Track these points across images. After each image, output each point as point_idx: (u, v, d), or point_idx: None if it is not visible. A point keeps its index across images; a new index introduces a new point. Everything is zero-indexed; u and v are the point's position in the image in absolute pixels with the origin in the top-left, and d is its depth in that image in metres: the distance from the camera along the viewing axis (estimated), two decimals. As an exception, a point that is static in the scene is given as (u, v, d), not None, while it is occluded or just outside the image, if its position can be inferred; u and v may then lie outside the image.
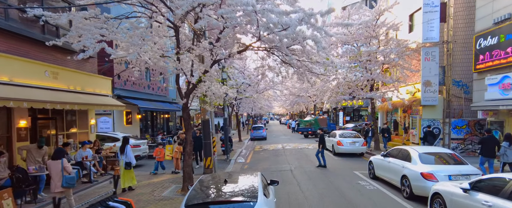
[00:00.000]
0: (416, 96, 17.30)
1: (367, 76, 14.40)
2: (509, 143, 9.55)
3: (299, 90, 36.61)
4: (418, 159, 8.32)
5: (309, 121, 31.01)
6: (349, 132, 17.72)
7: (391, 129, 19.48)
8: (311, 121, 30.62)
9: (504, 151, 9.57)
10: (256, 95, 17.36)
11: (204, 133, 11.72)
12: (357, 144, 16.21)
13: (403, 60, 14.77)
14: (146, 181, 10.30)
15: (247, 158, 16.81)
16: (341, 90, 16.22)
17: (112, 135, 12.95)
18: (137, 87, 17.52)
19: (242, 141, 25.44)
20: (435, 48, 15.14)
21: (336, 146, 16.50)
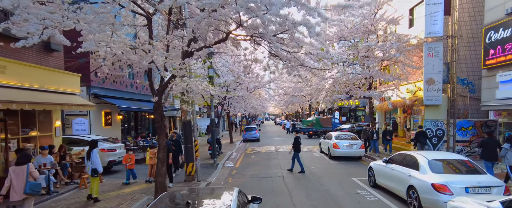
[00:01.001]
0: (417, 95, 16.20)
1: (365, 73, 13.27)
2: (510, 145, 8.88)
3: (294, 89, 35.51)
4: (427, 167, 7.15)
5: (310, 121, 29.89)
6: (346, 134, 16.57)
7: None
8: (313, 121, 29.50)
9: (505, 153, 8.90)
10: (247, 94, 16.11)
11: (185, 136, 10.47)
12: (355, 147, 15.05)
13: (404, 56, 13.64)
14: (115, 191, 9.02)
15: (236, 162, 15.58)
16: (337, 89, 15.05)
17: (85, 138, 11.66)
18: (118, 86, 16.22)
19: (233, 142, 24.19)
20: (439, 43, 14.03)
21: (332, 149, 15.34)
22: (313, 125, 28.15)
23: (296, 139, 12.62)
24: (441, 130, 14.50)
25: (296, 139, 12.62)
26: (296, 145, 12.54)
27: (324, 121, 29.10)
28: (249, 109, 23.57)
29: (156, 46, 7.29)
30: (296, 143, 12.55)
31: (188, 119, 10.45)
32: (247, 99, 18.62)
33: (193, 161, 10.52)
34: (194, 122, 10.61)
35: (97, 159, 7.92)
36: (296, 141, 12.59)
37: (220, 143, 17.04)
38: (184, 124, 10.44)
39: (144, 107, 18.21)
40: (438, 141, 14.52)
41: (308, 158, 16.12)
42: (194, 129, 10.62)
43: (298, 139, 12.63)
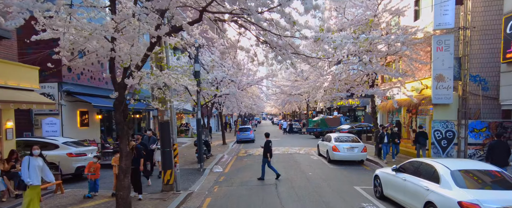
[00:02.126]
0: (423, 94, 14.86)
1: (368, 68, 11.89)
2: None
3: (291, 88, 34.15)
4: (450, 180, 5.79)
5: (316, 121, 28.57)
6: (346, 136, 15.21)
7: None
8: (318, 121, 28.17)
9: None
10: (238, 92, 14.72)
11: (162, 138, 9.06)
12: (356, 150, 13.69)
13: (411, 50, 12.28)
14: (73, 206, 7.57)
15: (226, 166, 14.19)
16: (337, 86, 13.66)
17: (51, 141, 10.21)
18: (97, 82, 14.76)
19: (226, 144, 22.78)
20: (450, 35, 12.68)
21: (331, 152, 13.97)
22: (318, 125, 26.75)
23: (267, 144, 11.32)
24: (451, 131, 13.16)
25: (267, 144, 11.32)
26: (266, 151, 11.25)
27: (331, 121, 27.63)
28: (242, 109, 22.15)
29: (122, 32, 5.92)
30: (267, 148, 11.26)
31: (166, 120, 9.04)
32: (239, 98, 17.20)
33: (171, 168, 9.12)
34: (173, 122, 9.20)
35: (25, 168, 6.09)
36: (266, 145, 11.30)
37: (209, 145, 15.65)
38: (161, 126, 9.04)
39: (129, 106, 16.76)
40: (448, 144, 13.18)
41: (305, 161, 14.75)
42: (173, 131, 9.21)
43: (269, 144, 11.33)
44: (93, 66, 14.55)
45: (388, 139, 13.43)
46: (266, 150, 11.25)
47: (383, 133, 13.73)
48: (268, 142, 11.35)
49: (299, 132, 34.92)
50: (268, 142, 11.35)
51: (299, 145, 22.07)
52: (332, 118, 28.22)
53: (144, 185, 9.99)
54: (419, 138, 13.18)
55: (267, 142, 11.36)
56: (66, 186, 9.61)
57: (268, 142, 11.37)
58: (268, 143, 11.34)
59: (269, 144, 11.34)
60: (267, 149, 11.24)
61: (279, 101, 42.20)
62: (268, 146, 11.29)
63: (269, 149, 11.26)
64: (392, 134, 13.50)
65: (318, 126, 27.01)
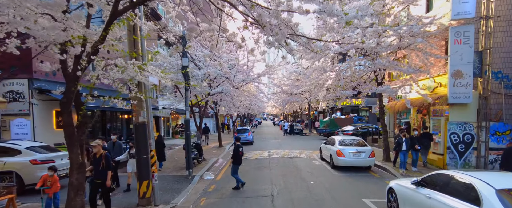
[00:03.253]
0: (437, 92, 13.46)
1: (378, 64, 10.52)
2: None
3: (291, 87, 32.78)
4: (498, 204, 4.39)
5: (326, 121, 27.14)
6: (351, 139, 13.79)
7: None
8: (327, 122, 26.72)
9: None
10: (233, 90, 13.32)
11: (137, 144, 7.69)
12: (363, 155, 12.28)
13: (426, 42, 10.87)
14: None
15: (219, 172, 12.81)
16: (342, 84, 12.24)
17: (12, 146, 8.85)
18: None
19: (222, 146, 21.41)
20: (470, 26, 11.29)
21: (335, 157, 12.57)
22: (328, 126, 25.23)
23: (236, 149, 9.99)
24: (470, 134, 11.76)
25: (236, 149, 9.99)
26: (235, 156, 9.96)
27: (341, 121, 26.08)
28: (239, 109, 20.74)
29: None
30: (236, 154, 9.95)
31: (142, 121, 7.67)
32: (234, 96, 15.78)
33: (148, 179, 7.74)
34: (150, 124, 7.82)
35: None
36: (235, 150, 9.99)
37: (201, 148, 14.28)
38: (136, 128, 7.66)
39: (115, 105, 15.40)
40: (466, 149, 11.79)
41: (307, 167, 13.35)
42: (151, 135, 7.83)
43: (238, 148, 9.99)
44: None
45: (407, 146, 11.45)
46: (234, 156, 9.97)
47: (401, 138, 11.58)
48: (237, 148, 10.01)
49: (301, 133, 33.51)
50: (238, 148, 10.01)
51: (300, 147, 20.67)
52: (344, 118, 26.55)
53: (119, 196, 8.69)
54: (423, 139, 12.19)
55: (236, 148, 10.03)
56: (27, 199, 8.26)
57: (238, 147, 10.03)
58: (237, 148, 10.00)
59: (239, 149, 10.00)
60: (235, 155, 9.94)
61: (280, 101, 40.82)
62: (237, 150, 9.97)
63: (237, 155, 9.94)
64: (412, 139, 11.69)
65: (327, 126, 25.44)
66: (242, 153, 10.14)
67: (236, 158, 9.98)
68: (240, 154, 10.05)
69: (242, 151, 10.15)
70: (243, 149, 10.39)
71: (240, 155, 10.07)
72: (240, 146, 10.14)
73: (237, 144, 10.15)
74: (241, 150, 10.12)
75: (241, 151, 10.10)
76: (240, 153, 10.04)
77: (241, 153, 10.06)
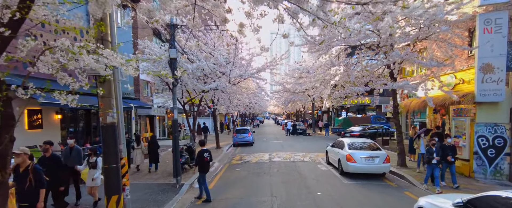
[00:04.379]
0: (459, 90, 11.93)
1: (395, 55, 9.01)
2: None
3: (294, 85, 31.25)
4: None
5: (340, 120, 25.56)
6: (362, 141, 12.28)
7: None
8: (341, 121, 25.14)
9: None
10: (229, 87, 11.80)
11: (105, 149, 6.24)
12: (377, 160, 10.76)
13: (450, 31, 9.33)
14: None
15: (213, 179, 11.35)
16: (352, 79, 10.71)
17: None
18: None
19: (220, 148, 19.97)
20: (503, 12, 9.77)
21: (344, 163, 11.07)
22: (342, 125, 23.58)
23: (200, 155, 8.53)
24: (501, 138, 10.22)
25: (200, 155, 8.53)
26: (199, 164, 8.55)
27: (357, 120, 24.40)
28: (237, 107, 19.26)
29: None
30: (201, 161, 8.54)
31: (110, 122, 6.21)
32: (231, 94, 14.25)
33: (119, 193, 6.27)
34: (121, 126, 6.37)
35: None
36: (200, 157, 8.54)
37: (194, 151, 12.81)
38: (104, 130, 6.20)
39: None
40: (497, 154, 10.24)
41: (312, 173, 11.85)
42: (121, 138, 6.38)
43: (203, 154, 8.52)
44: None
45: (441, 157, 8.97)
46: (198, 163, 8.56)
47: (431, 148, 8.97)
48: (201, 154, 8.55)
49: (304, 133, 31.97)
50: (202, 154, 8.54)
51: (304, 149, 19.16)
52: (360, 117, 24.78)
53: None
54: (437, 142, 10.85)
55: (200, 154, 8.57)
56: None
57: (202, 153, 8.55)
58: (201, 154, 8.54)
59: (204, 155, 8.53)
60: (200, 162, 8.53)
61: (282, 100, 39.33)
62: (203, 157, 8.50)
63: (203, 161, 8.51)
64: (444, 148, 9.18)
65: (341, 126, 23.78)
66: (208, 159, 8.64)
67: (202, 166, 8.51)
68: (206, 161, 8.56)
69: (208, 157, 8.65)
70: (211, 154, 8.82)
71: (207, 162, 8.59)
72: (206, 151, 8.64)
73: (202, 150, 8.65)
74: (208, 156, 8.61)
75: (207, 157, 8.60)
76: (206, 159, 8.55)
77: (206, 160, 8.57)
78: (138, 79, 20.31)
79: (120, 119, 6.43)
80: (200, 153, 8.56)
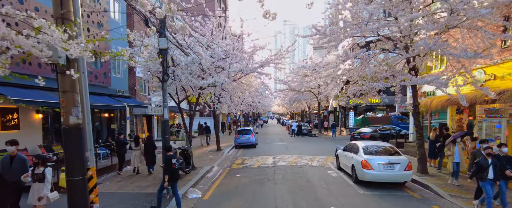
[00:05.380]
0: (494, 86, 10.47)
1: (423, 44, 7.62)
2: None
3: (300, 84, 29.94)
4: None
5: (358, 120, 24.07)
6: (377, 145, 10.89)
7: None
8: (359, 121, 23.65)
9: None
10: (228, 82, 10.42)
11: (68, 158, 4.97)
12: (398, 167, 9.38)
13: (490, 15, 7.91)
14: None
15: (210, 187, 10.05)
16: (370, 72, 9.31)
17: None
18: (34, 69, 10.59)
19: (221, 150, 18.68)
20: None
21: (359, 170, 9.71)
22: (360, 126, 22.04)
23: (167, 161, 7.37)
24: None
25: (167, 161, 7.37)
26: (167, 171, 7.34)
27: (376, 120, 22.81)
28: (236, 106, 17.91)
29: None
30: (168, 167, 7.35)
31: (74, 123, 4.94)
32: (232, 91, 12.86)
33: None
34: (88, 128, 5.08)
35: None
36: (167, 164, 7.38)
37: (189, 156, 11.52)
38: (65, 133, 4.93)
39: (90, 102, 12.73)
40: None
41: (322, 180, 10.49)
42: (89, 144, 5.09)
43: (170, 161, 7.33)
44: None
45: (495, 171, 6.74)
46: (166, 170, 7.35)
47: (484, 159, 6.92)
48: (168, 159, 7.37)
49: (309, 134, 30.58)
50: (170, 160, 7.35)
51: (311, 152, 17.79)
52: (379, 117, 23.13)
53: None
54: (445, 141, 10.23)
55: (167, 159, 7.40)
56: None
57: (169, 159, 7.36)
58: (168, 160, 7.36)
59: (171, 161, 7.32)
60: (167, 168, 7.34)
61: (287, 99, 37.97)
62: (169, 165, 7.30)
63: (170, 168, 7.30)
64: (499, 159, 6.92)
65: (359, 126, 22.23)
66: (176, 166, 7.39)
67: (171, 173, 7.27)
68: (174, 168, 7.32)
69: (177, 164, 7.40)
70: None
71: (175, 169, 7.35)
72: (173, 157, 7.42)
73: (168, 155, 7.44)
74: (176, 162, 7.38)
75: (175, 164, 7.36)
76: (173, 166, 7.32)
77: (174, 166, 7.33)
78: (134, 76, 19.08)
79: (86, 120, 5.13)
80: (167, 159, 7.39)
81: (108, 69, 15.43)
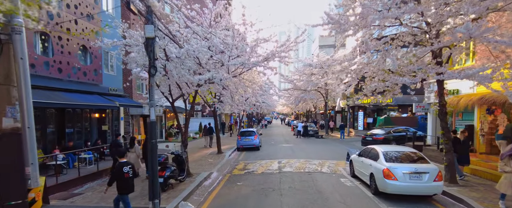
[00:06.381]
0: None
1: (461, 31, 6.23)
2: None
3: (306, 83, 28.53)
4: None
5: (381, 120, 22.46)
6: (398, 150, 9.45)
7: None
8: (381, 121, 22.02)
9: None
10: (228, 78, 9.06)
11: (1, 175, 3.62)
12: (426, 178, 7.95)
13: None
14: None
15: (205, 199, 8.69)
16: (395, 66, 7.90)
17: None
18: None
19: (222, 152, 17.35)
20: None
21: (380, 179, 8.30)
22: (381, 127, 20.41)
23: (119, 170, 6.12)
24: None
25: (119, 170, 6.12)
26: (118, 180, 6.09)
27: (399, 120, 21.11)
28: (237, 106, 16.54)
29: None
30: (119, 177, 6.08)
31: (10, 128, 3.59)
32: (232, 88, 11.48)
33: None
34: (27, 135, 3.74)
35: None
36: (118, 172, 6.11)
37: (184, 161, 10.17)
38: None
39: (76, 101, 11.52)
40: None
41: (336, 192, 9.08)
42: (27, 156, 3.76)
43: (121, 169, 6.08)
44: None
45: None
46: (116, 180, 6.09)
47: None
48: (119, 168, 6.08)
49: (316, 135, 29.12)
50: (121, 168, 6.05)
51: (319, 155, 16.38)
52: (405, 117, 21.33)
53: None
54: (455, 146, 9.64)
55: (118, 168, 6.11)
56: None
57: (121, 167, 6.06)
58: (119, 168, 6.07)
59: (122, 170, 6.03)
60: (117, 178, 6.08)
61: (292, 99, 36.54)
62: (120, 174, 6.03)
63: (121, 178, 6.04)
64: None
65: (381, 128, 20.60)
66: (129, 175, 6.09)
67: (121, 184, 6.00)
68: (126, 178, 6.02)
69: (129, 173, 6.09)
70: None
71: (126, 179, 6.04)
72: (126, 165, 6.09)
73: (120, 163, 6.11)
74: (128, 171, 6.07)
75: (128, 173, 6.06)
76: (126, 175, 6.02)
77: (127, 176, 6.03)
78: (130, 74, 17.81)
79: (28, 123, 3.81)
80: (118, 168, 6.07)
81: (99, 65, 14.17)
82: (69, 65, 12.11)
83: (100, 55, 14.21)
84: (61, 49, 11.68)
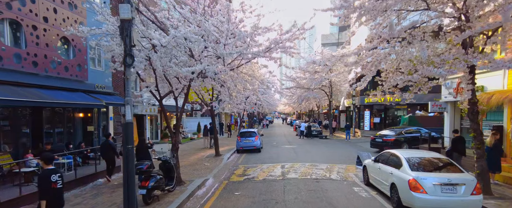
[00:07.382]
0: None
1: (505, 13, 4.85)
2: None
3: (309, 81, 27.17)
4: None
5: (405, 119, 20.94)
6: (425, 156, 8.08)
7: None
8: (405, 120, 20.48)
9: None
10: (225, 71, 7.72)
11: None
12: (462, 190, 6.58)
13: None
14: None
15: (196, 214, 7.34)
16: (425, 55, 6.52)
17: None
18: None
19: (220, 155, 16.02)
20: None
21: (405, 191, 6.94)
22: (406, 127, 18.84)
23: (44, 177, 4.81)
24: None
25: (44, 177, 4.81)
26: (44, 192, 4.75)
27: (425, 120, 19.52)
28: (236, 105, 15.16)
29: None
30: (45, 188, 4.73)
31: None
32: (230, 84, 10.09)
33: None
34: None
35: None
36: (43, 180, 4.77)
37: (173, 168, 8.78)
38: None
39: (56, 100, 10.16)
40: None
41: (350, 203, 7.70)
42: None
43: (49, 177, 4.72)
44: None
45: None
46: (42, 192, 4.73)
47: None
48: (46, 175, 4.71)
49: (320, 136, 27.74)
50: (48, 176, 4.69)
51: (325, 158, 15.01)
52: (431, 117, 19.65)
53: None
54: (457, 145, 9.96)
55: (44, 175, 4.75)
56: None
57: (48, 175, 4.69)
58: (46, 176, 4.71)
59: (50, 179, 4.68)
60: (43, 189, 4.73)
61: (294, 98, 35.16)
62: (47, 184, 4.67)
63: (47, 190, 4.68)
64: None
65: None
66: (57, 185, 4.73)
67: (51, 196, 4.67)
68: (53, 188, 4.66)
69: (57, 183, 4.73)
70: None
71: (54, 190, 4.67)
72: (54, 173, 4.73)
73: (46, 170, 4.76)
74: (58, 180, 4.73)
75: (56, 182, 4.71)
76: (53, 185, 4.67)
77: (55, 186, 4.69)
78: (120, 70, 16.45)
79: None
80: (44, 175, 4.72)
81: (84, 60, 12.80)
82: (46, 59, 10.75)
83: (85, 48, 12.84)
84: (37, 40, 10.32)
